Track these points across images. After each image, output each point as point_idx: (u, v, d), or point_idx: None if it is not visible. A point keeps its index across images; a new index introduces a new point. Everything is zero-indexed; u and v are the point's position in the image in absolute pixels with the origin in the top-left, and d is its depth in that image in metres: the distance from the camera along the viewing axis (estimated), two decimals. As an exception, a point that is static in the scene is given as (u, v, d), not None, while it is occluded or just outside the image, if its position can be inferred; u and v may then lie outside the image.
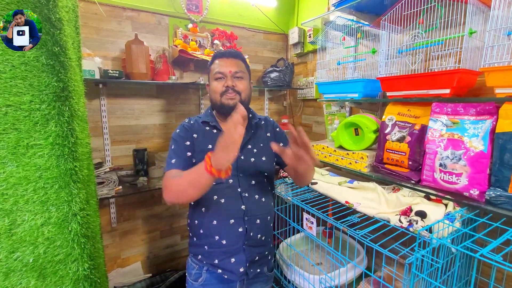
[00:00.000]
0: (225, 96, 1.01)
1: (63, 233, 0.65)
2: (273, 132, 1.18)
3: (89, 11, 1.40)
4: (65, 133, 0.63)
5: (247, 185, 1.03)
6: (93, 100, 1.47)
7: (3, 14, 0.56)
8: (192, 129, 1.03)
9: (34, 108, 0.58)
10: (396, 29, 1.10)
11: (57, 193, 0.63)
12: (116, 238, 1.63)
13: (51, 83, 0.60)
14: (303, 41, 1.89)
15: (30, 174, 0.60)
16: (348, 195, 1.13)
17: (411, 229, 0.85)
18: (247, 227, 1.00)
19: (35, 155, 0.60)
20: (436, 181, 0.91)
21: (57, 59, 0.60)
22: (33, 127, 0.59)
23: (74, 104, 0.66)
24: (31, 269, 0.62)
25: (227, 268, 1.00)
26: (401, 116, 1.07)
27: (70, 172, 0.64)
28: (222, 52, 1.05)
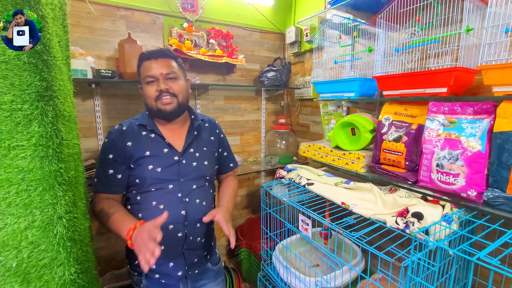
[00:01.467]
0: (160, 101, 0.96)
1: (48, 236, 0.63)
2: (218, 138, 1.17)
3: (82, 10, 1.38)
4: (49, 134, 0.61)
5: (188, 190, 1.00)
6: (86, 100, 1.45)
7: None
8: (123, 137, 0.97)
9: (15, 108, 0.56)
10: (393, 27, 1.08)
11: (41, 195, 0.61)
12: (111, 240, 1.61)
13: (34, 82, 0.58)
14: (300, 40, 1.88)
15: (13, 176, 0.58)
16: (345, 196, 1.11)
17: (408, 231, 0.83)
18: (186, 231, 0.98)
19: (18, 156, 0.58)
20: (433, 182, 0.89)
21: (40, 57, 0.58)
22: (15, 128, 0.57)
23: (59, 104, 0.64)
24: (14, 273, 0.60)
25: (165, 272, 0.98)
26: (397, 116, 1.05)
27: (55, 174, 0.62)
28: (149, 53, 0.99)
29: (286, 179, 1.41)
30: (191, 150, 1.04)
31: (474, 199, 0.79)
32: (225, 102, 1.91)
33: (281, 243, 1.40)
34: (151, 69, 0.95)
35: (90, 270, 0.81)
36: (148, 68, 0.95)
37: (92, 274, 0.83)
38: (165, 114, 0.98)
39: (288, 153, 2.03)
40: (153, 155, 0.97)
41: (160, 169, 0.97)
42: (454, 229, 0.74)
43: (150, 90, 0.96)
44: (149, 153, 0.97)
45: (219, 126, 1.20)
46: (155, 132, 1.00)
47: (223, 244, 2.05)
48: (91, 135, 1.48)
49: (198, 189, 1.03)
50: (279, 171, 1.46)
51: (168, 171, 0.98)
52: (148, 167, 0.96)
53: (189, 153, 1.03)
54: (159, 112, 0.98)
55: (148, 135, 1.00)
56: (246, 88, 1.97)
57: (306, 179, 1.31)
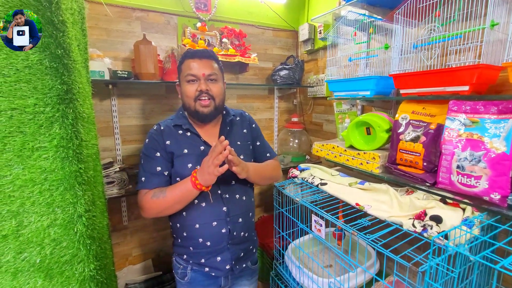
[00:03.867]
0: (198, 103, 0.97)
1: (68, 234, 0.65)
2: (250, 128, 1.16)
3: (99, 13, 1.42)
4: (69, 136, 0.63)
5: (227, 186, 1.02)
6: (104, 101, 1.49)
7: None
8: (162, 136, 0.99)
9: (38, 111, 0.59)
10: (411, 23, 1.04)
11: (62, 195, 0.63)
12: (128, 236, 1.66)
13: (55, 85, 0.60)
14: (314, 38, 1.85)
15: (36, 176, 0.61)
16: (359, 197, 1.09)
17: (425, 234, 0.81)
18: (230, 227, 1.00)
19: (40, 157, 0.60)
20: (453, 184, 0.86)
21: (61, 61, 0.61)
22: (38, 130, 0.59)
23: (79, 106, 0.67)
24: (38, 269, 0.63)
25: (214, 266, 1.01)
26: (415, 115, 1.02)
27: (75, 174, 0.65)
28: (194, 52, 0.99)
29: (299, 179, 1.40)
30: None
31: (497, 203, 0.76)
32: (238, 101, 1.91)
33: (293, 242, 1.39)
34: (194, 68, 0.96)
35: (108, 267, 0.83)
36: (191, 67, 0.96)
37: (110, 270, 0.86)
38: (202, 116, 0.99)
39: (301, 152, 2.01)
40: (191, 153, 0.99)
41: (199, 166, 0.97)
42: (475, 234, 0.71)
43: (190, 89, 0.97)
44: (187, 151, 0.99)
45: (250, 117, 1.19)
46: (190, 131, 1.02)
47: (236, 242, 2.06)
48: (108, 134, 1.52)
49: (237, 184, 1.04)
50: (292, 170, 1.45)
51: None
52: (187, 166, 0.97)
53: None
54: (196, 114, 0.99)
55: (185, 134, 1.02)
56: (259, 87, 1.97)
57: (319, 179, 1.29)
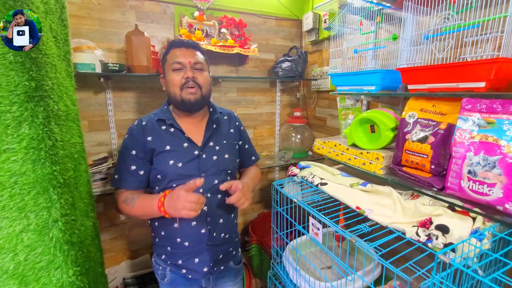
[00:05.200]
0: (185, 90, 0.94)
1: (43, 240, 0.62)
2: (238, 130, 1.14)
3: (92, 2, 1.36)
4: (40, 136, 0.58)
5: (210, 185, 0.98)
6: (98, 94, 1.45)
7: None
8: (144, 132, 0.96)
9: (3, 110, 0.54)
10: (422, 11, 0.94)
11: (34, 199, 0.59)
12: (125, 231, 1.65)
13: (22, 82, 0.55)
14: (318, 27, 1.75)
15: (5, 180, 0.56)
16: (360, 199, 1.02)
17: (430, 245, 0.74)
18: (209, 228, 0.98)
19: (9, 159, 0.56)
20: (463, 190, 0.78)
21: (28, 55, 0.55)
22: (5, 130, 0.55)
23: (52, 104, 0.62)
24: (11, 276, 0.60)
25: (191, 268, 0.99)
26: (424, 113, 0.94)
27: (49, 177, 0.60)
28: (179, 41, 0.98)
29: (298, 177, 1.34)
30: (210, 143, 1.02)
31: (512, 214, 0.68)
32: (237, 94, 1.85)
33: (291, 244, 1.35)
34: (180, 56, 0.94)
35: (92, 270, 0.80)
36: (177, 55, 0.94)
37: (95, 273, 0.83)
38: (188, 104, 0.96)
39: (303, 147, 1.94)
40: (173, 149, 0.96)
41: (181, 164, 0.96)
42: (485, 250, 0.64)
43: (176, 77, 0.94)
44: (169, 147, 0.96)
45: (238, 118, 1.17)
46: (174, 127, 0.98)
47: (235, 238, 2.04)
48: (104, 128, 1.49)
49: (219, 183, 0.99)
50: (291, 168, 1.39)
51: (188, 166, 0.97)
52: (169, 162, 0.95)
53: (209, 147, 1.01)
54: (182, 103, 0.95)
55: (168, 130, 0.98)
56: (260, 80, 1.89)
57: (319, 178, 1.23)
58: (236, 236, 1.12)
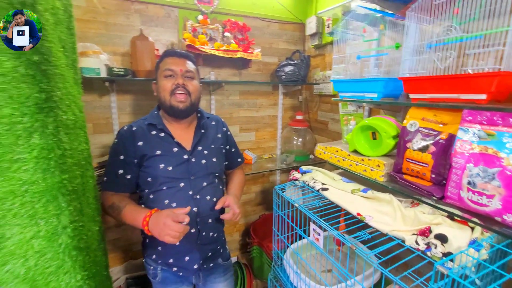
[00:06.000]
0: (174, 97, 0.98)
1: (53, 246, 0.64)
2: (225, 135, 1.20)
3: (97, 6, 1.37)
4: (50, 146, 0.60)
5: (199, 187, 1.03)
6: (103, 97, 1.47)
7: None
8: (133, 137, 1.00)
9: (15, 121, 0.56)
10: (426, 20, 0.95)
11: (44, 206, 0.61)
12: (128, 231, 1.67)
13: (32, 94, 0.57)
14: (322, 32, 1.75)
15: (16, 189, 0.58)
16: (361, 206, 1.04)
17: (429, 253, 0.76)
18: (199, 227, 1.03)
19: (20, 169, 0.58)
20: (462, 200, 0.80)
21: (38, 68, 0.57)
22: (16, 141, 0.57)
23: (61, 114, 0.63)
24: (22, 281, 0.62)
25: (182, 265, 1.04)
26: (425, 122, 0.95)
27: (58, 186, 0.62)
28: (173, 51, 1.04)
29: (300, 182, 1.35)
30: (199, 148, 1.07)
31: (510, 225, 0.69)
32: (240, 97, 1.86)
33: (292, 247, 1.36)
34: (173, 64, 0.99)
35: (99, 273, 0.82)
36: (169, 63, 1.00)
37: (101, 276, 0.85)
38: (177, 111, 1.00)
39: (305, 150, 1.96)
40: (163, 154, 1.00)
41: (171, 167, 1.00)
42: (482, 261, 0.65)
43: (167, 83, 0.99)
44: (160, 152, 1.00)
45: (225, 123, 1.24)
46: (164, 131, 1.03)
47: (236, 239, 2.06)
48: (108, 131, 1.51)
49: (208, 186, 1.06)
50: (293, 172, 1.41)
51: (178, 169, 1.01)
52: (159, 166, 0.99)
53: (197, 151, 1.06)
54: (171, 109, 1.00)
55: (158, 135, 1.02)
56: (262, 83, 1.90)
57: (320, 183, 1.25)
58: (223, 235, 1.19)
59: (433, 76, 0.87)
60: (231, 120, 1.84)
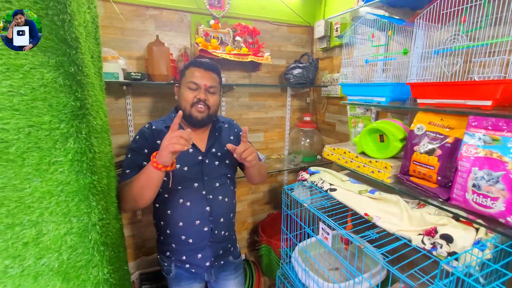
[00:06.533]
0: (195, 108, 1.02)
1: (84, 241, 0.69)
2: (237, 136, 1.22)
3: (114, 11, 1.42)
4: (83, 149, 0.65)
5: (212, 187, 1.07)
6: (119, 99, 1.52)
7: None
8: (153, 136, 1.04)
9: (54, 127, 0.61)
10: (433, 27, 0.98)
11: (77, 205, 0.67)
12: (142, 228, 1.73)
13: (69, 102, 0.62)
14: (330, 35, 1.78)
15: (53, 189, 0.64)
16: (368, 206, 1.07)
17: (434, 252, 0.79)
18: (211, 226, 1.06)
19: (57, 171, 0.63)
20: (467, 202, 0.83)
21: (74, 78, 0.62)
22: (54, 145, 0.62)
23: (92, 120, 0.69)
24: (56, 273, 0.68)
25: (194, 262, 1.08)
26: (432, 126, 0.98)
27: (89, 186, 0.68)
28: (200, 62, 1.05)
29: (308, 182, 1.39)
30: (213, 150, 1.11)
31: (514, 227, 0.73)
32: (249, 99, 1.90)
33: (300, 245, 1.40)
34: (198, 77, 1.02)
35: (121, 268, 0.88)
36: (194, 75, 1.02)
37: (123, 270, 0.91)
38: (195, 121, 1.05)
39: (312, 151, 1.99)
40: (179, 154, 1.01)
41: (186, 168, 1.04)
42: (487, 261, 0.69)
43: (190, 95, 1.02)
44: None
45: (237, 125, 1.27)
46: None
47: (245, 237, 2.11)
48: (123, 132, 1.56)
49: (220, 186, 1.10)
50: (301, 173, 1.45)
51: (193, 170, 1.05)
52: (175, 166, 1.01)
53: (211, 153, 1.10)
54: (190, 118, 1.04)
55: None
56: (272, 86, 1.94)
57: (328, 184, 1.28)
58: (234, 234, 1.22)
59: (440, 82, 0.90)
60: (240, 121, 1.89)
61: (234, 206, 1.18)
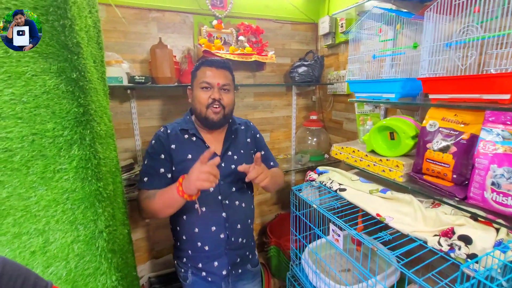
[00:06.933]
0: (210, 110, 0.98)
1: (91, 249, 0.68)
2: (254, 138, 1.18)
3: (117, 15, 1.42)
4: (87, 156, 0.64)
5: (228, 192, 1.03)
6: (124, 103, 1.52)
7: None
8: (168, 140, 1.01)
9: (57, 134, 0.60)
10: (444, 19, 0.94)
11: (83, 213, 0.66)
12: (150, 232, 1.73)
13: (72, 109, 0.61)
14: (335, 31, 1.75)
15: (58, 197, 0.63)
16: (380, 206, 1.04)
17: (452, 254, 0.76)
18: (228, 233, 1.02)
19: (62, 178, 0.62)
20: (486, 201, 0.79)
21: (76, 84, 0.61)
22: (58, 153, 0.61)
23: (96, 126, 0.68)
24: (64, 282, 0.67)
25: (210, 270, 1.04)
26: (445, 122, 0.94)
27: (95, 193, 0.67)
28: (211, 61, 1.02)
29: (316, 182, 1.37)
30: (229, 153, 1.07)
31: (537, 226, 0.69)
32: (254, 99, 1.88)
33: (310, 247, 1.38)
34: (210, 76, 0.99)
35: (130, 274, 0.87)
36: (206, 75, 0.99)
37: (132, 276, 0.90)
38: (211, 123, 1.01)
39: (320, 150, 1.96)
40: (194, 158, 1.00)
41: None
42: (509, 263, 0.65)
43: (203, 96, 0.99)
44: (191, 156, 1.01)
45: (254, 127, 1.22)
46: (196, 136, 1.04)
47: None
48: (129, 135, 1.56)
49: (237, 191, 1.06)
50: (310, 173, 1.42)
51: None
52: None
53: (227, 156, 1.06)
54: (206, 120, 1.01)
55: (190, 139, 1.04)
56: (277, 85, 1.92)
57: (338, 184, 1.26)
58: (252, 240, 1.17)
59: (454, 76, 0.86)
60: (245, 121, 1.87)
61: (251, 211, 1.13)
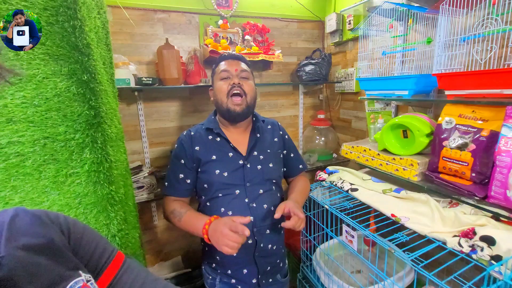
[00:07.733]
0: (231, 100, 0.98)
1: (104, 254, 0.67)
2: (282, 139, 1.14)
3: (124, 17, 1.41)
4: (99, 159, 0.63)
5: (255, 194, 0.99)
6: (131, 105, 1.51)
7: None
8: (192, 142, 1.01)
9: (69, 138, 0.59)
10: (460, 12, 0.91)
11: (96, 217, 0.65)
12: (158, 234, 1.72)
13: (83, 111, 0.60)
14: (342, 29, 1.72)
15: (71, 201, 0.62)
16: (395, 206, 1.01)
17: (474, 256, 0.73)
18: (256, 238, 0.97)
19: (74, 183, 0.61)
20: (508, 200, 0.76)
21: (87, 86, 0.60)
22: (70, 157, 0.60)
23: (107, 128, 0.66)
24: (78, 287, 0.66)
25: (240, 278, 1.00)
26: (463, 119, 0.91)
27: (107, 197, 0.65)
28: (226, 55, 1.05)
29: (327, 182, 1.34)
30: (255, 153, 1.03)
31: None
32: (261, 99, 1.86)
33: (321, 247, 1.36)
34: (227, 65, 1.01)
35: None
36: (224, 65, 1.01)
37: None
38: (234, 114, 0.99)
39: (328, 149, 1.93)
40: (219, 159, 0.99)
41: (227, 173, 0.98)
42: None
43: (223, 85, 0.99)
44: (215, 157, 0.99)
45: (282, 127, 1.19)
46: (220, 136, 1.02)
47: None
48: (136, 137, 1.56)
49: (265, 193, 1.01)
50: (319, 173, 1.40)
51: (234, 175, 0.99)
52: (215, 172, 0.98)
53: (253, 156, 1.02)
54: (228, 112, 0.99)
55: (214, 139, 1.02)
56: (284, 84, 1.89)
57: (349, 184, 1.23)
58: (283, 248, 1.10)
59: (472, 71, 0.83)
60: (252, 122, 1.85)
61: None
